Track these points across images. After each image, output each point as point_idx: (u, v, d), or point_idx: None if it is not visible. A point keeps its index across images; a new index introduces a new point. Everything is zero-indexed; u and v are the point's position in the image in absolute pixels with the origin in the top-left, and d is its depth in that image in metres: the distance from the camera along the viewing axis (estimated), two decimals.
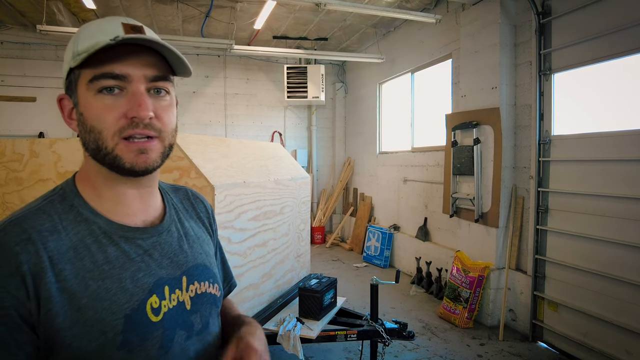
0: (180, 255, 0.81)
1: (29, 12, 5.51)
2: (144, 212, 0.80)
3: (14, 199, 2.53)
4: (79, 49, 0.70)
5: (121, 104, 0.70)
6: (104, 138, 0.70)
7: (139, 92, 0.71)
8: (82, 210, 0.73)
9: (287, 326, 2.65)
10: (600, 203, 3.20)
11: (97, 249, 0.71)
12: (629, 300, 2.97)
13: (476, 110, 4.31)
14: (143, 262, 0.74)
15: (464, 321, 4.02)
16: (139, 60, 0.71)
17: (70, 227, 0.71)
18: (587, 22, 3.30)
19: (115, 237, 0.73)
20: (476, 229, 4.37)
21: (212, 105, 7.71)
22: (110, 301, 0.68)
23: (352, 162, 8.06)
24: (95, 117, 0.70)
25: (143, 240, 0.76)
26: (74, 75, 0.73)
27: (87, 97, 0.71)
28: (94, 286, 0.68)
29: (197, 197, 0.98)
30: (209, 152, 2.52)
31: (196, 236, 0.89)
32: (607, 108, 3.35)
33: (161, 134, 0.74)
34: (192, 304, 0.80)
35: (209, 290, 0.85)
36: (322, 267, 6.17)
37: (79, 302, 0.66)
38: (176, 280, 0.78)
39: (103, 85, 0.69)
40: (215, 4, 5.37)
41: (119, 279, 0.70)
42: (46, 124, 6.62)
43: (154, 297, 0.73)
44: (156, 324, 0.72)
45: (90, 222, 0.73)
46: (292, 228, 3.33)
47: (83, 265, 0.69)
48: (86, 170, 0.77)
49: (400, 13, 4.84)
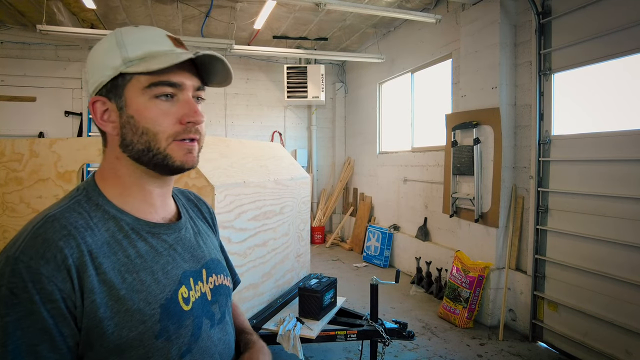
0: (198, 250, 0.87)
1: (29, 12, 5.51)
2: (164, 210, 0.86)
3: (14, 198, 2.53)
4: (130, 55, 0.76)
5: (176, 110, 0.77)
6: (159, 139, 0.76)
7: (192, 100, 0.78)
8: (108, 209, 0.77)
9: (287, 326, 2.65)
10: (600, 203, 3.20)
11: (128, 244, 0.75)
12: (629, 300, 2.97)
13: (476, 110, 4.31)
14: (170, 256, 0.80)
15: (464, 321, 4.02)
16: (188, 71, 0.78)
17: (101, 224, 0.75)
18: (587, 22, 3.30)
19: (143, 233, 0.78)
20: (476, 228, 4.37)
21: (212, 105, 7.70)
22: (146, 292, 0.73)
23: (352, 162, 8.06)
24: (152, 120, 0.76)
25: (167, 236, 0.82)
26: (121, 80, 0.76)
27: (141, 101, 0.76)
28: (130, 279, 0.72)
29: (200, 199, 1.05)
30: (209, 152, 2.52)
31: (206, 234, 0.95)
32: (607, 108, 3.34)
33: (200, 137, 0.81)
34: (212, 295, 0.86)
35: (224, 282, 0.91)
36: (322, 267, 6.17)
37: (118, 293, 0.70)
38: (197, 273, 0.84)
39: (162, 92, 0.76)
40: (215, 4, 5.37)
41: (151, 271, 0.75)
42: (46, 124, 6.62)
43: (183, 287, 0.79)
44: (187, 312, 0.78)
45: (118, 219, 0.77)
46: (292, 228, 3.33)
47: (118, 259, 0.73)
48: (113, 170, 0.81)
49: (400, 13, 4.85)
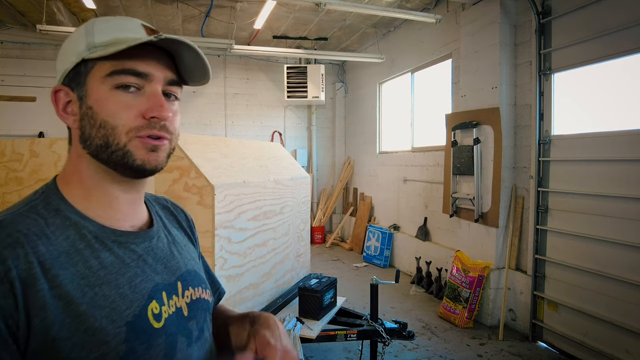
0: (172, 260, 0.78)
1: (28, 12, 5.51)
2: (132, 217, 0.76)
3: (14, 198, 2.53)
4: (96, 41, 0.67)
5: (139, 102, 0.68)
6: (117, 134, 0.67)
7: (159, 93, 0.69)
8: (70, 214, 0.68)
9: (287, 326, 2.65)
10: (600, 203, 3.20)
11: (90, 254, 0.66)
12: (629, 300, 2.97)
13: (476, 110, 4.31)
14: (138, 267, 0.71)
15: (464, 321, 4.02)
16: (159, 62, 0.70)
17: (59, 232, 0.65)
18: (587, 22, 3.30)
19: (108, 242, 0.69)
20: (476, 228, 4.37)
21: (212, 105, 7.71)
22: (110, 308, 0.64)
23: (352, 162, 8.06)
24: (110, 112, 0.67)
25: (136, 245, 0.73)
26: (84, 67, 0.68)
27: (100, 91, 0.67)
28: (91, 293, 0.63)
29: (177, 207, 0.95)
30: (209, 152, 2.52)
31: (182, 243, 0.86)
32: (607, 108, 3.35)
33: (171, 136, 0.72)
34: (189, 310, 0.77)
35: (202, 295, 0.82)
36: (322, 267, 6.17)
37: (77, 309, 0.61)
38: (172, 286, 0.75)
39: (123, 81, 0.67)
40: (215, 4, 5.37)
41: (116, 285, 0.66)
42: (46, 124, 6.63)
43: (154, 302, 0.70)
44: (159, 330, 0.69)
45: (80, 227, 0.68)
46: (292, 228, 3.32)
47: (77, 271, 0.63)
48: (75, 172, 0.73)
49: (400, 13, 4.85)
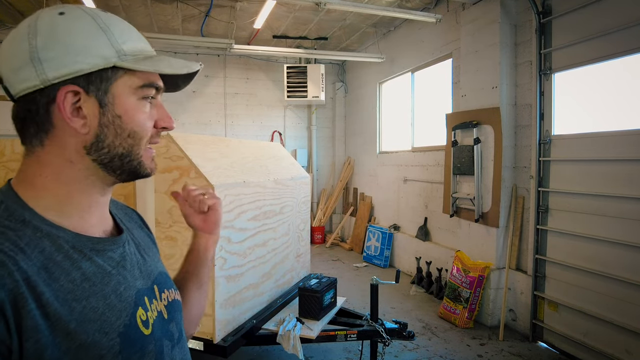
0: (144, 265, 0.77)
1: (28, 12, 5.50)
2: (102, 222, 0.74)
3: None
4: (125, 48, 0.66)
5: (153, 114, 0.72)
6: (142, 144, 0.71)
7: (162, 104, 0.74)
8: (39, 224, 0.62)
9: (287, 326, 2.65)
10: (601, 203, 3.20)
11: (70, 266, 0.62)
12: (629, 300, 2.97)
13: (476, 110, 4.31)
14: (120, 275, 0.69)
15: (464, 321, 4.02)
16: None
17: (32, 245, 0.59)
18: (587, 22, 3.30)
19: (86, 251, 0.66)
20: (476, 228, 4.37)
21: (211, 104, 7.70)
22: (100, 321, 0.62)
23: (352, 161, 8.05)
24: (141, 123, 0.70)
25: (113, 252, 0.70)
26: (108, 73, 0.65)
27: (131, 102, 0.68)
28: (79, 307, 0.60)
29: (128, 208, 0.92)
30: (209, 152, 2.52)
31: (147, 245, 0.85)
32: (607, 108, 3.34)
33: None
34: (168, 313, 0.78)
35: (176, 297, 0.83)
36: (322, 267, 6.17)
37: (67, 327, 0.58)
38: (150, 290, 0.75)
39: (149, 94, 0.70)
40: (215, 4, 5.36)
41: (103, 295, 0.64)
42: None
43: (140, 309, 0.69)
44: (149, 337, 0.69)
45: (54, 237, 0.63)
46: (292, 228, 3.32)
47: (60, 286, 0.60)
48: (53, 176, 0.66)
49: (400, 13, 4.84)
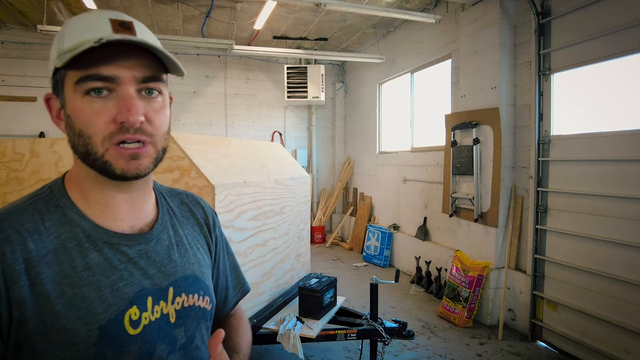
0: (169, 265, 0.76)
1: (29, 12, 5.52)
2: (133, 217, 0.75)
3: (14, 198, 2.53)
4: (64, 47, 0.66)
5: (110, 107, 0.66)
6: (94, 143, 0.66)
7: (128, 95, 0.66)
8: (68, 212, 0.70)
9: (287, 325, 2.66)
10: (600, 203, 3.21)
11: (77, 254, 0.67)
12: (628, 299, 2.97)
13: (476, 110, 4.32)
14: (126, 271, 0.70)
15: (464, 320, 4.03)
16: (128, 61, 0.66)
17: (53, 229, 0.67)
18: (586, 22, 3.31)
19: (99, 243, 0.69)
20: (476, 228, 4.38)
21: (212, 105, 7.71)
22: (86, 310, 0.64)
23: (352, 162, 8.06)
24: (84, 121, 0.66)
25: (129, 248, 0.72)
26: (59, 75, 0.68)
27: (74, 99, 0.66)
28: (70, 293, 0.64)
29: (197, 202, 0.92)
30: (210, 152, 2.53)
31: (189, 245, 0.83)
32: (606, 108, 3.35)
33: (153, 138, 0.69)
34: (177, 317, 0.75)
35: (197, 303, 0.79)
36: (322, 267, 6.18)
37: (52, 307, 0.62)
38: (161, 291, 0.73)
39: (90, 87, 0.65)
40: (216, 4, 5.38)
41: (97, 287, 0.66)
42: (47, 124, 6.62)
43: (134, 308, 0.69)
44: (134, 337, 0.68)
45: (75, 225, 0.69)
46: (292, 227, 3.33)
47: (61, 270, 0.65)
48: (76, 171, 0.74)
49: (400, 13, 4.85)
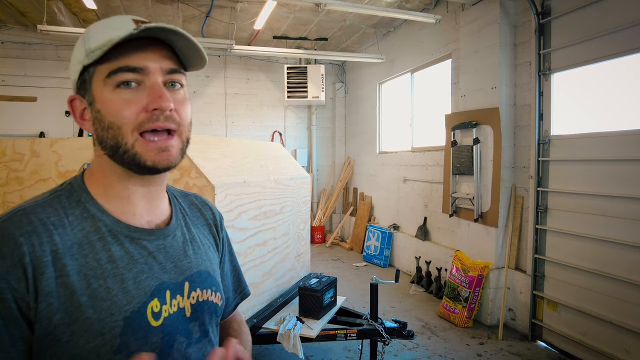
0: (184, 260, 0.79)
1: (29, 12, 5.52)
2: (150, 213, 0.78)
3: (15, 198, 2.54)
4: (92, 46, 0.69)
5: (140, 97, 0.69)
6: (124, 133, 0.69)
7: (158, 84, 0.70)
8: (89, 207, 0.72)
9: (287, 325, 2.66)
10: (600, 203, 3.21)
11: (101, 247, 0.69)
12: (628, 299, 2.97)
13: (476, 110, 4.32)
14: (146, 264, 0.73)
15: (464, 320, 4.03)
16: (154, 53, 0.70)
17: (76, 223, 0.70)
18: (586, 22, 3.31)
19: (121, 237, 0.72)
20: (476, 228, 4.38)
21: (212, 105, 7.72)
22: (111, 302, 0.66)
23: (352, 161, 8.07)
24: (114, 112, 0.69)
25: (148, 242, 0.75)
26: (87, 74, 0.71)
27: (104, 93, 0.70)
28: (95, 284, 0.66)
29: (206, 204, 0.96)
30: (210, 152, 2.53)
31: (201, 243, 0.86)
32: (606, 108, 3.35)
33: (179, 128, 0.73)
34: (192, 312, 0.78)
35: (210, 298, 0.82)
36: (322, 267, 6.18)
37: (79, 299, 0.64)
38: (178, 285, 0.76)
39: (121, 79, 0.68)
40: (216, 4, 5.38)
41: (121, 279, 0.69)
42: (47, 124, 6.63)
43: (155, 300, 0.71)
44: (156, 328, 0.70)
45: (97, 219, 0.71)
46: (292, 227, 3.33)
47: (86, 262, 0.67)
48: (98, 168, 0.76)
49: (400, 13, 4.85)
